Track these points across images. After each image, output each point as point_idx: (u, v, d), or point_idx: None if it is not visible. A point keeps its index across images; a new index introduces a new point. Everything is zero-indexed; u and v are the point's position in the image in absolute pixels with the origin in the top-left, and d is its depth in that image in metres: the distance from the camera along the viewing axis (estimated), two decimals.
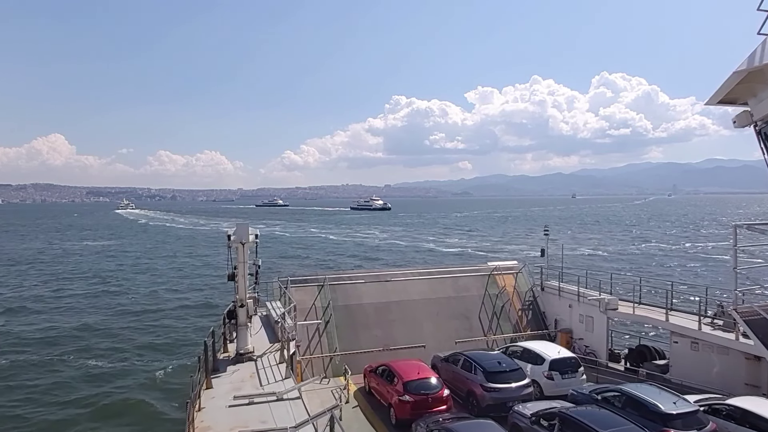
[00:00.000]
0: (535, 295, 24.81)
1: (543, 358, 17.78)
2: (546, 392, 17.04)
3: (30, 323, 34.75)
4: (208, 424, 11.14)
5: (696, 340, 17.75)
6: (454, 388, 16.99)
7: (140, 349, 29.25)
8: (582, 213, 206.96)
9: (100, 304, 41.28)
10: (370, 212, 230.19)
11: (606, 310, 20.85)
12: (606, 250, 75.17)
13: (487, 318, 23.40)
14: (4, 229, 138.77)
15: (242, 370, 14.63)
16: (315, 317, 21.01)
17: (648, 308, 20.56)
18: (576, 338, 22.33)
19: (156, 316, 36.91)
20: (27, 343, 29.99)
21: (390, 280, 23.63)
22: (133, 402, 22.04)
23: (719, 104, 15.16)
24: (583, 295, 22.06)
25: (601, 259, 65.07)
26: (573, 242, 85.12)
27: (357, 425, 15.64)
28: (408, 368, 16.46)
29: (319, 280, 22.60)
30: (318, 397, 16.87)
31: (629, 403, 13.50)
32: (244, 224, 15.57)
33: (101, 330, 33.11)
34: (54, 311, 38.08)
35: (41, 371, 25.39)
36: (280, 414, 11.59)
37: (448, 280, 24.38)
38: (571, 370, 17.52)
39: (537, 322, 23.95)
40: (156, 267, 62.29)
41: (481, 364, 16.82)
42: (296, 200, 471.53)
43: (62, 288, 47.60)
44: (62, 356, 27.69)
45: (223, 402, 12.31)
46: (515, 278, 25.21)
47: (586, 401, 14.57)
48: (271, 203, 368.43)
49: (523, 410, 14.24)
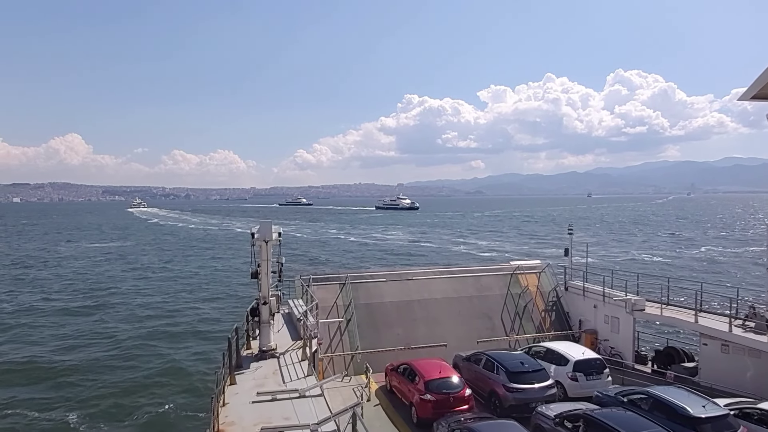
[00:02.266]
0: (559, 295, 24.47)
1: (567, 358, 17.52)
2: (570, 393, 16.79)
3: (55, 322, 35.65)
4: (232, 419, 11.28)
5: (726, 343, 17.27)
6: (476, 387, 16.86)
7: (165, 345, 29.84)
8: (603, 212, 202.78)
9: (125, 301, 42.22)
10: (396, 212, 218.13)
11: (632, 311, 20.44)
12: (637, 252, 73.73)
13: (509, 318, 23.17)
14: (27, 227, 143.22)
15: (265, 366, 14.78)
16: (337, 315, 21.10)
17: (676, 309, 20.09)
18: (601, 339, 21.94)
19: (179, 314, 37.61)
20: (55, 339, 30.88)
21: (412, 279, 23.59)
22: (158, 396, 22.51)
23: (753, 99, 14.73)
24: (608, 295, 21.66)
25: (629, 260, 63.84)
26: (598, 242, 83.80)
27: (378, 423, 15.65)
28: (429, 367, 16.40)
29: (340, 279, 22.67)
30: (340, 395, 16.93)
31: (656, 406, 13.19)
32: (268, 222, 15.71)
33: (127, 326, 33.91)
34: (73, 311, 38.52)
35: (65, 367, 26.00)
36: (303, 411, 11.67)
37: (470, 279, 24.21)
38: (596, 372, 17.22)
39: (560, 323, 23.62)
40: (178, 266, 63.24)
41: (504, 364, 16.66)
42: (316, 200, 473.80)
43: (78, 289, 47.83)
44: (86, 353, 28.39)
45: (246, 398, 12.45)
46: (538, 278, 24.90)
47: (611, 403, 14.28)
48: (295, 202, 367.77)
49: (547, 411, 14.06)
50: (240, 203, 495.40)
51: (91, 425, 20.03)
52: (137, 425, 20.03)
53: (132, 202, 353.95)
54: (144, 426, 19.96)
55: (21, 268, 61.44)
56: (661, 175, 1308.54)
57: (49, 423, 20.11)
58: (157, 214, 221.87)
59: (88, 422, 20.19)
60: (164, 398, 22.29)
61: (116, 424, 20.07)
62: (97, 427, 19.82)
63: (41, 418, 20.44)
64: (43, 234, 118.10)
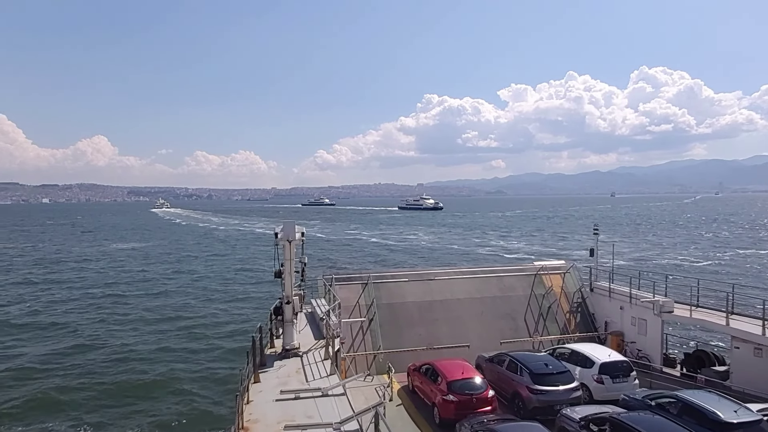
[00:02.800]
0: (584, 296, 24.07)
1: (592, 360, 17.23)
2: (596, 396, 16.51)
3: (78, 321, 36.60)
4: (256, 417, 11.42)
5: (760, 346, 16.74)
6: (499, 389, 16.72)
7: (190, 343, 30.41)
8: (630, 213, 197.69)
9: (150, 300, 43.18)
10: (420, 212, 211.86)
11: (660, 313, 19.96)
12: (665, 252, 72.15)
13: (533, 319, 22.90)
14: (58, 226, 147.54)
15: (288, 365, 14.91)
16: (359, 315, 21.16)
17: (706, 311, 19.55)
18: (628, 341, 21.51)
19: (204, 312, 38.28)
20: (81, 336, 31.73)
21: (434, 279, 23.51)
22: (184, 393, 22.95)
23: None
24: (635, 296, 21.21)
25: (657, 261, 62.47)
26: (624, 243, 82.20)
27: (401, 423, 15.64)
28: (452, 368, 16.32)
29: (363, 278, 22.73)
30: (362, 395, 16.98)
31: (686, 411, 12.86)
32: (291, 222, 15.86)
33: (153, 324, 34.68)
34: (96, 310, 39.21)
35: (92, 365, 26.66)
36: (326, 409, 11.74)
37: (493, 279, 24.02)
38: (623, 374, 16.89)
39: (586, 324, 23.24)
40: (201, 266, 64.28)
41: (528, 365, 16.48)
42: (337, 200, 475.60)
43: (102, 288, 48.40)
44: (112, 349, 29.07)
45: (270, 396, 12.58)
46: (563, 278, 24.55)
47: (639, 407, 14.00)
48: (318, 202, 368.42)
49: (572, 414, 13.84)
50: (261, 203, 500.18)
51: (119, 421, 20.49)
52: (163, 420, 20.44)
53: (156, 203, 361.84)
54: (170, 421, 20.36)
55: (55, 263, 63.43)
56: (688, 174, 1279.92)
57: (74, 420, 20.51)
58: (180, 215, 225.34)
59: (116, 418, 20.65)
60: (189, 395, 22.72)
61: (143, 420, 20.51)
62: (123, 423, 20.26)
63: (69, 414, 20.95)
64: (83, 233, 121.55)
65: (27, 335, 32.14)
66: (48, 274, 56.83)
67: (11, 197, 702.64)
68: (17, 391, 22.90)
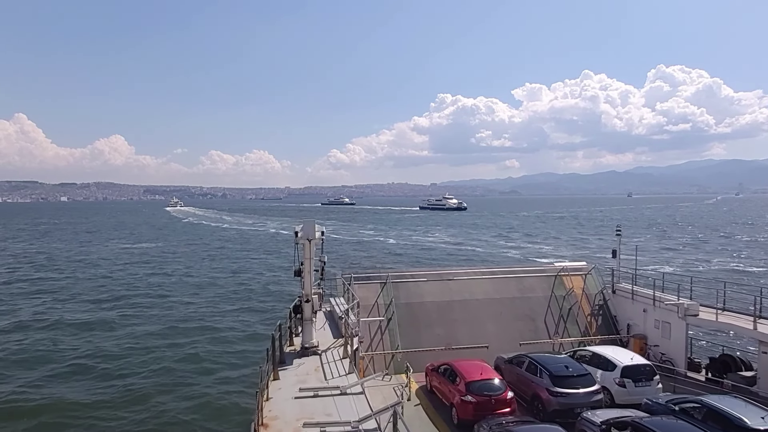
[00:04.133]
0: (606, 298, 23.72)
1: (614, 364, 16.96)
2: (617, 400, 16.25)
3: (103, 318, 37.25)
4: (275, 414, 11.54)
5: None
6: (518, 391, 16.58)
7: (210, 340, 30.75)
8: (653, 214, 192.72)
9: (171, 298, 43.86)
10: (443, 212, 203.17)
11: (685, 316, 19.57)
12: (691, 255, 70.65)
13: (553, 320, 22.65)
14: (82, 225, 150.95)
15: (307, 363, 15.02)
16: (377, 314, 21.20)
17: (733, 315, 19.08)
18: (651, 345, 21.12)
19: (224, 310, 38.75)
20: (103, 336, 32.32)
21: (453, 279, 23.42)
22: (204, 388, 23.26)
23: None
24: (659, 299, 20.83)
25: (682, 263, 61.20)
26: (647, 244, 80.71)
27: (419, 423, 15.62)
28: (471, 368, 16.25)
29: (381, 278, 22.76)
30: (380, 394, 17.01)
31: (711, 416, 12.57)
32: (311, 221, 15.99)
33: (174, 322, 35.24)
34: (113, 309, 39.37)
35: (114, 363, 26.97)
36: (344, 408, 11.80)
37: (512, 280, 23.83)
38: (646, 378, 16.59)
39: (607, 327, 22.90)
40: (220, 264, 64.95)
41: (548, 367, 16.31)
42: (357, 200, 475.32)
43: (119, 287, 48.36)
44: (131, 346, 29.44)
45: (289, 393, 12.69)
46: (584, 280, 24.22)
47: (662, 412, 13.74)
48: (338, 202, 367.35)
49: (593, 417, 13.66)
50: (275, 203, 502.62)
51: (138, 416, 20.74)
52: (184, 415, 20.73)
53: (170, 202, 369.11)
54: (191, 416, 20.63)
55: (78, 263, 65.01)
56: (706, 174, 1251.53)
57: (96, 417, 20.64)
58: (195, 213, 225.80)
59: (134, 414, 20.86)
60: (210, 391, 23.00)
61: (164, 414, 20.83)
62: (144, 419, 20.53)
63: (91, 410, 21.17)
64: (107, 232, 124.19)
65: (46, 334, 32.87)
66: (71, 272, 58.25)
67: (31, 195, 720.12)
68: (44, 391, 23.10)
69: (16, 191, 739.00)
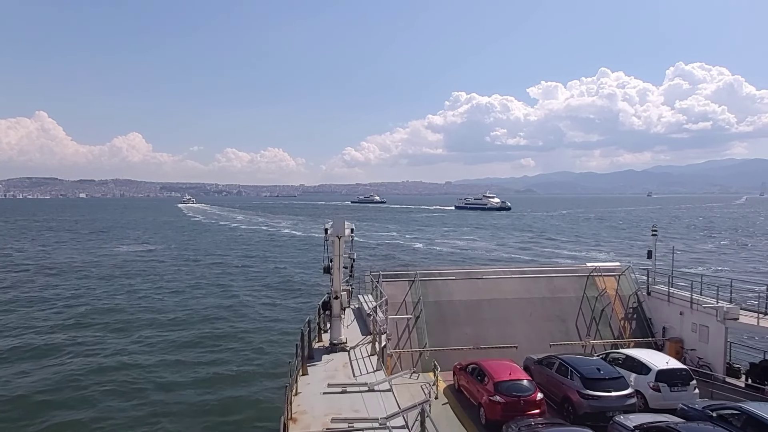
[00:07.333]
0: (640, 299, 23.09)
1: (649, 367, 16.52)
2: (651, 405, 15.84)
3: (132, 316, 38.39)
4: (304, 409, 11.69)
5: None
6: (548, 392, 16.32)
7: (241, 336, 31.30)
8: (681, 214, 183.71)
9: (205, 296, 44.84)
10: (484, 213, 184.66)
11: (724, 320, 18.88)
12: (728, 257, 68.09)
13: (584, 322, 22.20)
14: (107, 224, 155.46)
15: (336, 359, 15.16)
16: (405, 312, 21.20)
17: None
18: (687, 349, 20.47)
19: (255, 306, 39.43)
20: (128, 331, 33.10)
21: (481, 278, 23.22)
22: (235, 383, 23.72)
23: None
24: (696, 302, 20.15)
25: (720, 265, 59.06)
26: (683, 245, 78.19)
27: (446, 422, 15.55)
28: (499, 368, 16.08)
29: (410, 276, 22.74)
30: (408, 391, 17.02)
31: (750, 423, 12.10)
32: (341, 219, 16.13)
33: (208, 317, 36.03)
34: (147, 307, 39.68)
35: (143, 358, 27.70)
36: (372, 404, 11.87)
37: (542, 280, 23.46)
38: (681, 383, 16.10)
39: (642, 329, 22.30)
40: (249, 262, 66.07)
41: (579, 369, 15.99)
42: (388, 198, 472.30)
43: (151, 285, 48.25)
44: (162, 344, 30.00)
45: (317, 389, 12.84)
46: (617, 281, 23.64)
47: (698, 418, 13.31)
48: (368, 200, 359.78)
49: (625, 422, 13.34)
50: (290, 200, 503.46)
51: (171, 409, 21.16)
52: (215, 409, 21.17)
53: (182, 199, 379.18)
54: (221, 410, 21.05)
55: (102, 257, 67.15)
56: (727, 174, 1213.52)
57: (128, 415, 20.83)
58: (206, 211, 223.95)
59: (166, 410, 21.16)
60: (240, 385, 23.46)
61: (197, 408, 21.31)
62: (176, 411, 20.97)
63: (122, 406, 21.63)
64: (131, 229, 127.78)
65: (68, 334, 34.05)
66: (96, 270, 60.20)
67: (50, 191, 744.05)
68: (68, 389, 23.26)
69: (36, 187, 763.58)
